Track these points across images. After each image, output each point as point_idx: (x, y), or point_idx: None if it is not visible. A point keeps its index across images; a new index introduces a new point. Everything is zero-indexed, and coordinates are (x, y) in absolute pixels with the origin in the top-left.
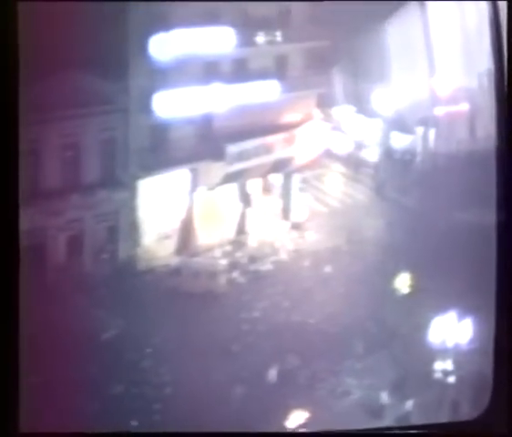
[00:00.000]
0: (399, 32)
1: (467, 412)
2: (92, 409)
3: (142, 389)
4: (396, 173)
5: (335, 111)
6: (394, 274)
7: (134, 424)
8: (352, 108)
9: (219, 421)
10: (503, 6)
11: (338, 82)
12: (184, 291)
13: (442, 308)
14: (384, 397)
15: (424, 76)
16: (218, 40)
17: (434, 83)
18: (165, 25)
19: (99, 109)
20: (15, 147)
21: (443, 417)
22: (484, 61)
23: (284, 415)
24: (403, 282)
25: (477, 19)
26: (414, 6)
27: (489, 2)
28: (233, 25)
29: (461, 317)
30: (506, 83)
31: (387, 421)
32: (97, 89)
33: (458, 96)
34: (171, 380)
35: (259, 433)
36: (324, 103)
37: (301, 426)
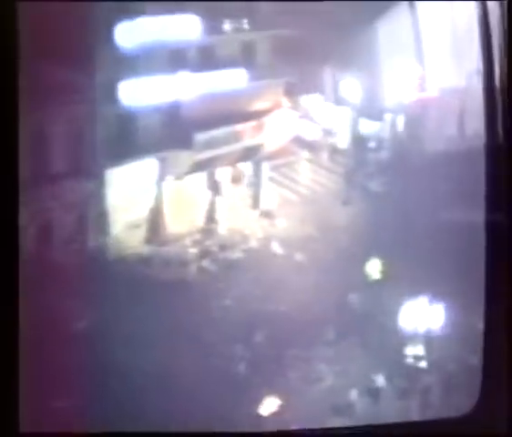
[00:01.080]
0: (387, 27)
1: (439, 396)
2: (65, 399)
3: (114, 379)
4: (365, 159)
5: (304, 99)
6: (364, 260)
7: (106, 413)
8: (320, 97)
9: (190, 410)
10: (492, 6)
11: (306, 71)
12: (155, 280)
13: (413, 293)
14: (356, 383)
15: (412, 72)
16: (184, 28)
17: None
18: (130, 14)
19: (66, 100)
20: (15, 149)
21: (414, 402)
22: (473, 60)
23: (257, 402)
24: (374, 268)
25: (467, 19)
26: (403, 5)
27: (479, 2)
28: (199, 12)
29: (432, 302)
30: (506, 82)
31: (359, 407)
32: (63, 80)
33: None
34: (143, 369)
35: (256, 433)
36: (292, 91)
37: (273, 413)
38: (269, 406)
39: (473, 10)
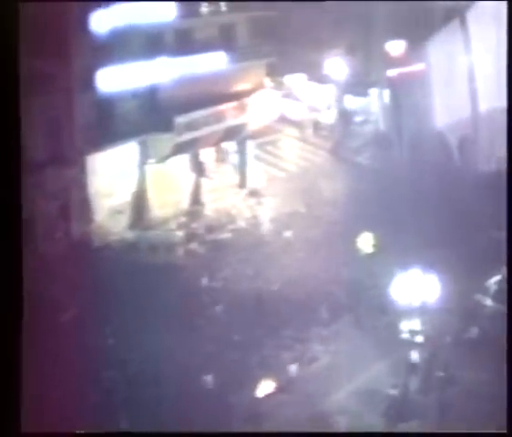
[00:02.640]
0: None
1: (438, 371)
2: (55, 389)
3: (105, 369)
4: (352, 134)
5: (287, 79)
6: (355, 235)
7: (98, 404)
8: (303, 76)
9: (184, 397)
10: None
11: (288, 50)
12: (143, 265)
13: (406, 266)
14: (352, 361)
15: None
16: (159, 12)
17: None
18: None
19: (41, 89)
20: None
21: (414, 378)
22: None
23: (253, 385)
24: (365, 242)
25: None
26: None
27: None
28: None
29: (425, 274)
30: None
31: (354, 386)
32: (37, 69)
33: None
34: (135, 358)
35: (258, 433)
36: (274, 71)
37: (269, 395)
38: (264, 388)
39: None
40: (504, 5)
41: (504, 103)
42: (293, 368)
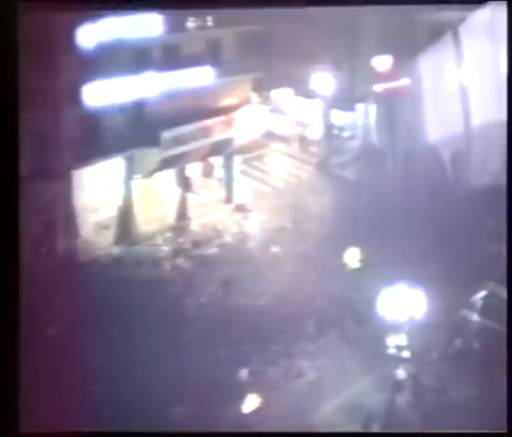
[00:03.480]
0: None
1: (426, 387)
2: (41, 404)
3: (92, 382)
4: (338, 149)
5: (273, 93)
6: (342, 249)
7: (82, 419)
8: (290, 91)
9: (172, 412)
10: None
11: (274, 65)
12: (129, 280)
13: (393, 280)
14: (339, 376)
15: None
16: (146, 26)
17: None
18: (91, 14)
19: (28, 103)
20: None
21: (400, 393)
22: None
23: (239, 400)
24: (351, 257)
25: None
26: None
27: None
28: (162, 11)
29: (411, 289)
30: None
31: (341, 401)
32: (24, 83)
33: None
34: (121, 372)
35: (259, 433)
36: (261, 86)
37: (256, 410)
38: (251, 402)
39: None
40: (497, 18)
41: (497, 117)
42: (280, 383)
